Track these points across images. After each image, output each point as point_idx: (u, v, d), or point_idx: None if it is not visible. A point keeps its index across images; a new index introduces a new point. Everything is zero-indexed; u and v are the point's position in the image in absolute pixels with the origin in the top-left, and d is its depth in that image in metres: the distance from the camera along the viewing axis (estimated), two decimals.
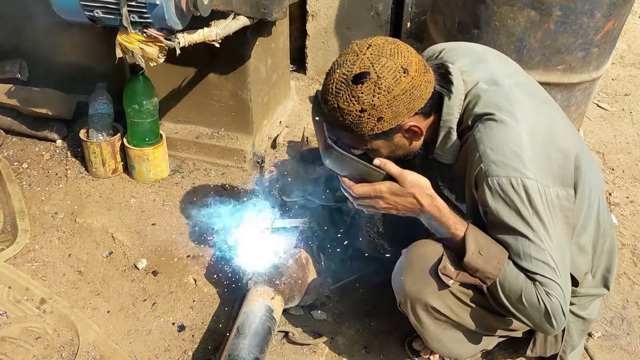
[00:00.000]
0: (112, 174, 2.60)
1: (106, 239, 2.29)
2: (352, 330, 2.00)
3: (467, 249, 1.40)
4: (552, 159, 1.40)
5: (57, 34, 2.66)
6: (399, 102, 1.36)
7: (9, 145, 2.79)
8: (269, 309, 1.82)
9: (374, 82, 1.33)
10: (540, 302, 1.38)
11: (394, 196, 1.43)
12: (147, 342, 1.92)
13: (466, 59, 1.55)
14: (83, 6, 1.91)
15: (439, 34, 2.59)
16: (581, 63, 2.42)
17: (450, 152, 1.52)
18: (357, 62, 1.35)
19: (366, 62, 1.35)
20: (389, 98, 1.34)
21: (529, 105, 1.45)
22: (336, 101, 1.38)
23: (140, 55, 1.96)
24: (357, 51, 1.37)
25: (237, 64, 2.48)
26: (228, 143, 2.67)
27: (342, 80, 1.37)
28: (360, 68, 1.35)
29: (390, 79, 1.33)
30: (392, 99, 1.35)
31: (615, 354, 1.97)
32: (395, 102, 1.35)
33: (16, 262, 2.17)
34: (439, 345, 1.65)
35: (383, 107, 1.35)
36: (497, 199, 1.37)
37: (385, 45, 1.37)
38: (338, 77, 1.38)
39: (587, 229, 1.54)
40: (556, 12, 2.24)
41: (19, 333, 1.88)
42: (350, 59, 1.37)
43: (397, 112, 1.37)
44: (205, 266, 2.18)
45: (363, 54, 1.36)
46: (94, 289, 2.09)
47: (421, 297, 1.51)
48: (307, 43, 3.38)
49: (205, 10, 1.99)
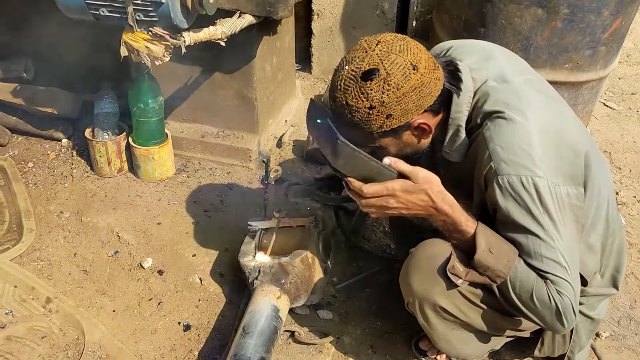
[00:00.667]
0: (117, 173, 2.60)
1: (112, 238, 2.29)
2: (359, 329, 1.99)
3: (477, 247, 1.38)
4: (562, 157, 1.39)
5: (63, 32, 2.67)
6: (408, 99, 1.35)
7: (15, 145, 2.80)
8: (275, 308, 1.82)
9: (383, 78, 1.32)
10: (551, 301, 1.37)
11: (407, 194, 1.39)
12: (152, 341, 1.91)
13: (474, 57, 1.54)
14: (88, 4, 1.90)
15: (444, 33, 2.58)
16: (588, 61, 2.40)
17: (459, 150, 1.50)
18: (366, 59, 1.34)
19: (375, 58, 1.34)
20: (398, 95, 1.33)
21: (539, 102, 1.44)
22: (345, 98, 1.37)
23: (145, 54, 1.96)
24: (366, 48, 1.36)
25: (242, 63, 2.48)
26: (233, 142, 2.67)
27: (350, 77, 1.36)
28: (369, 65, 1.34)
29: (399, 75, 1.32)
30: (402, 95, 1.34)
31: (623, 354, 1.96)
32: (404, 99, 1.34)
33: (22, 261, 2.17)
34: (447, 346, 1.64)
35: (392, 104, 1.34)
36: (507, 197, 1.36)
37: (394, 41, 1.36)
38: (347, 73, 1.37)
39: (596, 228, 1.53)
40: (563, 10, 2.22)
41: (24, 332, 1.88)
42: (359, 55, 1.36)
43: (406, 109, 1.36)
44: (211, 265, 2.18)
45: (372, 51, 1.35)
46: (100, 288, 2.09)
47: (429, 297, 1.50)
48: (312, 42, 3.37)
49: (211, 8, 1.98)
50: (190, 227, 2.36)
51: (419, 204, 1.40)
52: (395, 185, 1.39)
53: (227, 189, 2.57)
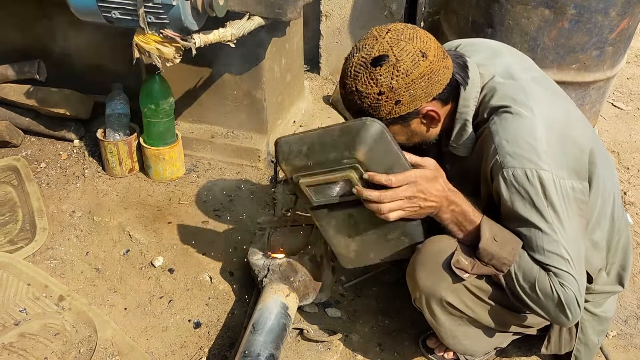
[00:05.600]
0: (128, 173, 2.63)
1: (123, 237, 2.32)
2: (367, 327, 2.01)
3: (482, 236, 1.39)
4: (567, 152, 1.40)
5: (75, 34, 2.70)
6: (417, 86, 1.36)
7: (28, 145, 2.83)
8: (284, 306, 1.84)
9: (393, 64, 1.35)
10: (554, 292, 1.38)
11: (426, 181, 1.38)
12: (163, 339, 1.94)
13: (482, 54, 1.56)
14: (100, 7, 1.93)
15: (452, 33, 2.60)
16: (595, 62, 2.41)
17: (466, 144, 1.52)
18: (376, 46, 1.37)
19: (385, 45, 1.36)
20: (407, 81, 1.35)
21: (545, 98, 1.46)
22: (354, 84, 1.39)
23: (156, 55, 1.98)
24: (377, 35, 1.39)
25: (251, 64, 2.50)
26: (243, 142, 2.69)
27: (360, 63, 1.38)
28: (379, 51, 1.36)
29: (408, 62, 1.35)
30: (410, 82, 1.36)
31: (630, 353, 1.96)
32: (413, 86, 1.36)
33: (35, 259, 2.20)
34: (454, 342, 1.66)
35: (401, 90, 1.36)
36: (511, 190, 1.37)
37: (404, 30, 1.38)
38: (357, 60, 1.39)
39: (601, 225, 1.54)
40: (570, 10, 2.23)
41: (38, 329, 1.91)
42: (370, 43, 1.39)
43: (415, 95, 1.38)
44: (221, 264, 2.20)
45: (382, 38, 1.37)
46: (112, 286, 2.12)
47: (436, 292, 1.52)
48: (321, 43, 3.39)
49: (221, 10, 2.01)
50: (200, 226, 2.39)
51: (435, 193, 1.39)
52: (417, 172, 1.38)
53: (237, 188, 2.60)
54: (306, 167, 1.45)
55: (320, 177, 1.44)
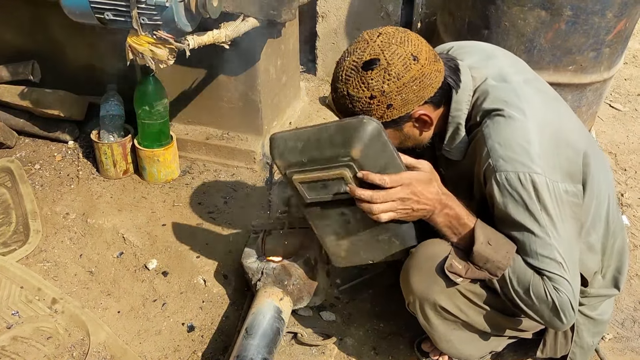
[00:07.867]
0: (123, 175, 2.62)
1: (117, 240, 2.31)
2: (361, 331, 2.00)
3: (476, 239, 1.38)
4: (560, 155, 1.39)
5: (69, 36, 2.69)
6: (408, 90, 1.36)
7: (22, 147, 2.82)
8: (278, 309, 1.82)
9: (384, 68, 1.34)
10: (548, 297, 1.37)
11: (420, 184, 1.37)
12: (157, 342, 1.92)
13: (475, 57, 1.55)
14: (93, 8, 1.92)
15: (448, 35, 2.59)
16: (592, 63, 2.40)
17: (459, 148, 1.52)
18: (367, 49, 1.36)
19: (376, 49, 1.35)
20: (398, 85, 1.35)
21: (538, 101, 1.45)
22: (345, 88, 1.39)
23: (150, 57, 1.97)
24: (368, 39, 1.38)
25: (246, 66, 2.49)
26: (238, 144, 2.68)
27: (352, 67, 1.38)
28: (370, 55, 1.35)
29: (400, 65, 1.34)
30: (402, 85, 1.35)
31: (627, 356, 1.95)
32: (405, 89, 1.35)
33: (28, 262, 2.19)
34: (448, 346, 1.65)
35: (393, 94, 1.35)
36: (505, 194, 1.36)
37: (395, 33, 1.38)
38: (348, 64, 1.39)
39: (596, 228, 1.53)
40: (567, 12, 2.22)
41: (30, 333, 1.90)
42: (361, 46, 1.38)
43: (407, 99, 1.37)
44: (215, 267, 2.19)
45: (373, 42, 1.37)
46: (105, 289, 2.10)
47: (429, 297, 1.50)
48: (317, 44, 3.39)
49: (215, 12, 2.00)
50: (194, 228, 2.37)
51: (428, 196, 1.38)
52: (411, 174, 1.37)
53: (232, 190, 2.58)
54: (301, 163, 1.44)
55: (314, 174, 1.43)
